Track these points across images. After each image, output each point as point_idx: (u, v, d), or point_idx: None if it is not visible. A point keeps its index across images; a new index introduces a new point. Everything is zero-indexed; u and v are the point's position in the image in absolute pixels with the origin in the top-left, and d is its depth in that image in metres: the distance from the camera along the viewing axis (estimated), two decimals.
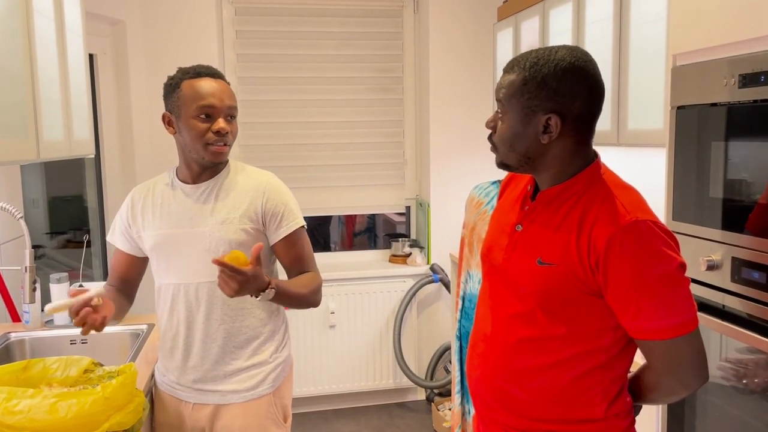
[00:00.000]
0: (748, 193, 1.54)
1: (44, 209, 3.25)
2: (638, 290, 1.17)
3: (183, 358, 1.79)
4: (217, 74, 1.76)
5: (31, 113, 1.87)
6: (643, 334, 1.20)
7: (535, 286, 1.25)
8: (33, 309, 2.32)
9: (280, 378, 1.84)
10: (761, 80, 1.48)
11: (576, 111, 1.21)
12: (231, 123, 1.74)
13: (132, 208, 1.85)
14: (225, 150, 1.74)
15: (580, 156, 1.27)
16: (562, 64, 1.19)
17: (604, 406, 1.27)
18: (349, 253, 4.23)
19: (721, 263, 1.62)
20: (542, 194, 1.29)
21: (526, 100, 1.21)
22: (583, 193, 1.24)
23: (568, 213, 1.24)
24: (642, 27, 2.21)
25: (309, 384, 3.79)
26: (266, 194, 1.78)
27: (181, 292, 1.77)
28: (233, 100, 1.75)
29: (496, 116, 1.28)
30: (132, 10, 3.43)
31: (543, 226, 1.27)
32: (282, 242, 1.80)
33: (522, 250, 1.29)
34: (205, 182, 1.79)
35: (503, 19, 3.36)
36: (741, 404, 1.62)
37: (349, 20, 3.86)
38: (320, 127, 3.90)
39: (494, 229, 1.41)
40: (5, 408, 1.44)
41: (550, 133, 1.22)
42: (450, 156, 3.87)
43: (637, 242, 1.16)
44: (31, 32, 1.86)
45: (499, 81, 1.27)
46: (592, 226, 1.19)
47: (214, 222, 1.74)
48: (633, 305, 1.18)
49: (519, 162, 1.27)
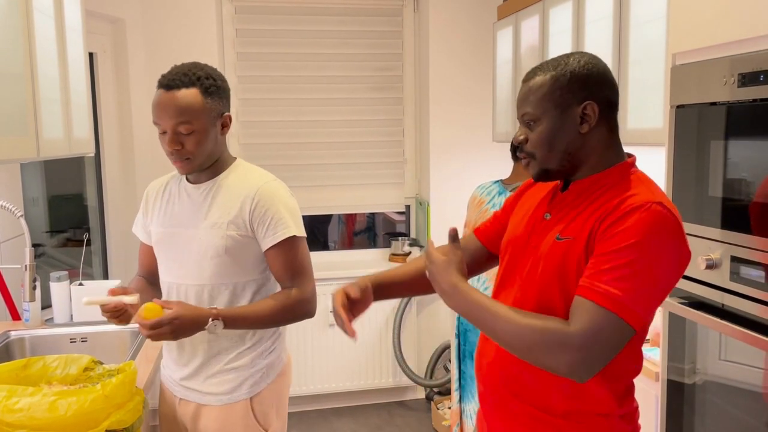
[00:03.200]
0: (748, 192, 1.54)
1: (44, 208, 3.25)
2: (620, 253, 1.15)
3: (176, 355, 1.80)
4: (174, 85, 1.65)
5: (31, 111, 1.87)
6: (583, 290, 1.17)
7: (553, 262, 1.26)
8: (33, 307, 2.32)
9: (261, 384, 1.78)
10: (761, 79, 1.48)
11: (606, 97, 1.27)
12: (187, 137, 1.65)
13: (147, 202, 1.87)
14: (182, 165, 1.69)
15: (614, 149, 1.30)
16: (583, 60, 1.27)
17: (613, 403, 1.27)
18: (348, 252, 4.23)
19: (720, 262, 1.63)
20: (575, 183, 1.31)
21: (559, 96, 1.25)
22: (612, 186, 1.26)
23: (596, 199, 1.26)
24: (642, 26, 2.21)
25: (308, 383, 3.79)
26: (255, 200, 1.71)
27: (173, 291, 1.78)
28: (185, 114, 1.63)
29: (524, 130, 1.31)
30: (132, 8, 3.43)
31: (570, 212, 1.29)
32: (270, 251, 1.73)
33: (546, 234, 1.31)
34: (204, 183, 1.77)
35: (503, 18, 3.36)
36: (740, 403, 1.62)
37: (348, 19, 3.86)
38: (320, 125, 3.90)
39: (517, 224, 1.41)
40: (5, 406, 1.44)
41: (588, 121, 1.25)
42: (450, 155, 3.88)
43: (651, 221, 1.16)
44: (31, 31, 1.86)
45: (523, 91, 1.30)
46: (619, 202, 1.20)
47: (205, 225, 1.72)
48: (604, 262, 1.16)
49: (560, 161, 1.28)
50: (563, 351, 1.14)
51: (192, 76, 1.67)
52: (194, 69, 1.69)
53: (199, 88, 1.67)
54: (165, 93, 1.65)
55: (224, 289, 1.73)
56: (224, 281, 1.73)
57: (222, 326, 1.63)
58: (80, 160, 3.33)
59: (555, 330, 1.16)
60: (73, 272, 2.62)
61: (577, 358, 1.14)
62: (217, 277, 1.72)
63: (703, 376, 1.73)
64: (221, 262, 1.71)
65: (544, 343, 1.16)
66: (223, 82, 1.74)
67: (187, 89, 1.66)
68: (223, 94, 1.73)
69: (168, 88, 1.65)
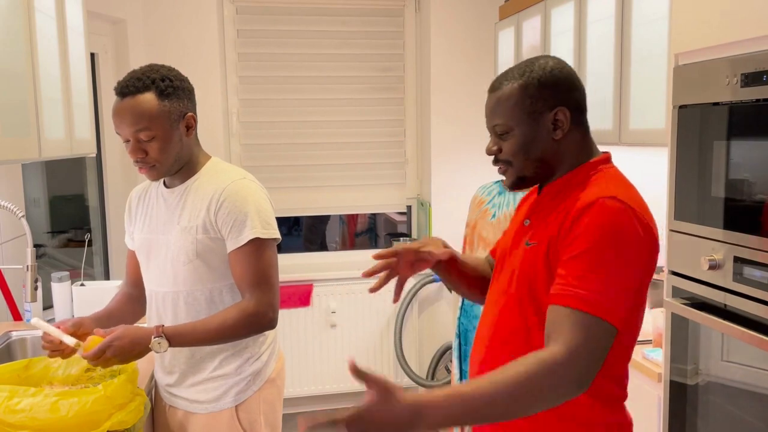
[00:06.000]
0: (750, 192, 1.54)
1: (45, 208, 3.25)
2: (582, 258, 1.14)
3: (161, 363, 1.79)
4: (128, 91, 1.60)
5: (33, 112, 1.87)
6: (556, 297, 1.15)
7: (523, 268, 1.26)
8: (34, 308, 2.32)
9: (247, 392, 1.74)
10: (763, 79, 1.48)
11: (575, 102, 1.27)
12: (148, 144, 1.61)
13: (129, 209, 1.85)
14: (150, 172, 1.65)
15: (586, 149, 1.30)
16: (548, 65, 1.26)
17: (599, 410, 1.24)
18: (350, 253, 4.23)
19: (723, 262, 1.62)
20: (548, 187, 1.31)
21: (530, 105, 1.25)
22: (581, 183, 1.26)
23: (563, 200, 1.25)
24: (644, 26, 2.21)
25: (310, 383, 3.79)
26: (219, 201, 1.65)
27: (153, 298, 1.76)
28: (141, 120, 1.58)
29: (495, 140, 1.30)
30: (133, 9, 3.43)
31: (545, 216, 1.28)
32: (232, 255, 1.65)
33: (522, 240, 1.31)
34: (178, 187, 1.72)
35: (504, 19, 3.36)
36: (743, 405, 1.62)
37: (350, 19, 3.86)
38: (321, 126, 3.90)
39: (508, 233, 1.42)
40: (7, 407, 1.44)
41: (561, 127, 1.25)
42: (451, 155, 3.87)
43: (603, 217, 1.15)
44: (32, 31, 1.86)
45: (491, 102, 1.29)
46: (573, 203, 1.21)
47: (178, 229, 1.68)
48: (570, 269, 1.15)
49: (536, 168, 1.29)
50: (565, 376, 1.08)
51: (146, 79, 1.61)
52: (148, 72, 1.63)
53: (154, 91, 1.61)
54: (120, 101, 1.61)
55: (200, 295, 1.69)
56: (199, 287, 1.69)
57: (167, 344, 1.57)
58: (81, 160, 3.33)
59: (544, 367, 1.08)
60: (75, 273, 2.63)
61: (573, 377, 1.09)
62: (191, 283, 1.69)
63: (706, 377, 1.73)
64: (194, 267, 1.67)
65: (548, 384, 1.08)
66: (182, 82, 1.67)
67: (141, 94, 1.60)
68: (183, 94, 1.66)
69: (123, 95, 1.61)
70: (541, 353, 1.10)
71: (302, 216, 4.39)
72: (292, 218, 4.60)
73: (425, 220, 3.95)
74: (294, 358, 3.72)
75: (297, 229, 4.79)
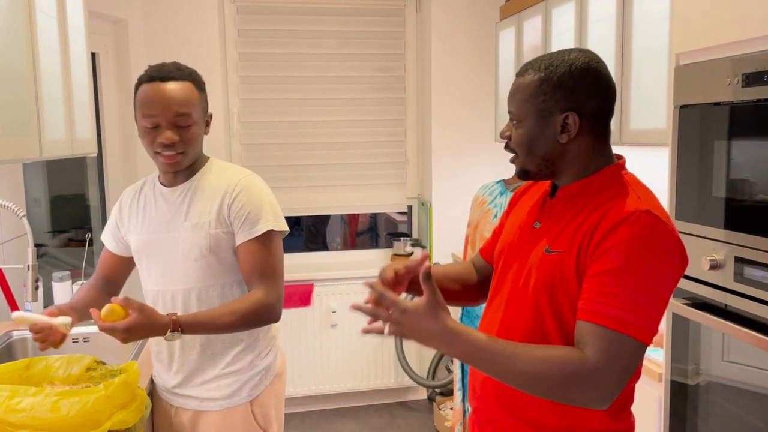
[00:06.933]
0: (751, 192, 1.54)
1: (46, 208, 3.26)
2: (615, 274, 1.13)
3: (167, 363, 1.78)
4: (171, 77, 1.62)
5: (34, 112, 1.87)
6: (587, 314, 1.14)
7: (544, 276, 1.23)
8: (35, 307, 2.32)
9: (260, 386, 1.76)
10: (764, 79, 1.48)
11: (592, 108, 1.22)
12: (184, 130, 1.63)
13: (121, 210, 1.83)
14: (176, 159, 1.64)
15: (600, 155, 1.26)
16: (576, 64, 1.21)
17: (606, 419, 1.24)
18: (350, 252, 4.23)
19: (724, 262, 1.62)
20: (562, 190, 1.29)
21: (542, 102, 1.22)
22: (602, 189, 1.23)
23: (584, 206, 1.23)
24: (645, 26, 2.21)
25: (310, 383, 3.79)
26: (233, 195, 1.67)
27: (159, 299, 1.75)
28: (185, 106, 1.61)
29: (510, 125, 1.29)
30: (134, 8, 3.43)
31: (559, 220, 1.26)
32: (243, 247, 1.67)
33: (536, 245, 1.28)
34: (180, 185, 1.72)
35: (505, 18, 3.36)
36: (744, 405, 1.62)
37: (350, 19, 3.86)
38: (322, 126, 3.90)
39: (510, 231, 1.39)
40: (8, 406, 1.44)
41: (568, 132, 1.22)
42: (452, 155, 3.87)
43: (639, 233, 1.14)
44: (33, 30, 1.86)
45: (513, 87, 1.27)
46: (604, 213, 1.18)
47: (187, 226, 1.68)
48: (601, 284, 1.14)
49: (539, 166, 1.27)
50: (585, 385, 1.11)
51: (185, 70, 1.66)
52: (182, 66, 1.68)
53: (192, 82, 1.66)
54: (160, 84, 1.61)
55: (212, 290, 1.70)
56: (211, 282, 1.70)
57: (180, 336, 1.57)
58: (82, 160, 3.34)
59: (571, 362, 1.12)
60: (75, 272, 2.63)
61: (601, 391, 1.12)
62: (203, 279, 1.69)
63: (707, 377, 1.73)
64: (206, 263, 1.68)
65: (564, 378, 1.12)
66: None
67: (184, 82, 1.64)
68: (206, 94, 1.72)
69: (163, 80, 1.62)
70: (577, 351, 1.13)
71: (303, 216, 4.40)
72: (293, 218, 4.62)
73: (426, 220, 3.95)
74: (294, 358, 3.72)
75: (298, 229, 4.80)
